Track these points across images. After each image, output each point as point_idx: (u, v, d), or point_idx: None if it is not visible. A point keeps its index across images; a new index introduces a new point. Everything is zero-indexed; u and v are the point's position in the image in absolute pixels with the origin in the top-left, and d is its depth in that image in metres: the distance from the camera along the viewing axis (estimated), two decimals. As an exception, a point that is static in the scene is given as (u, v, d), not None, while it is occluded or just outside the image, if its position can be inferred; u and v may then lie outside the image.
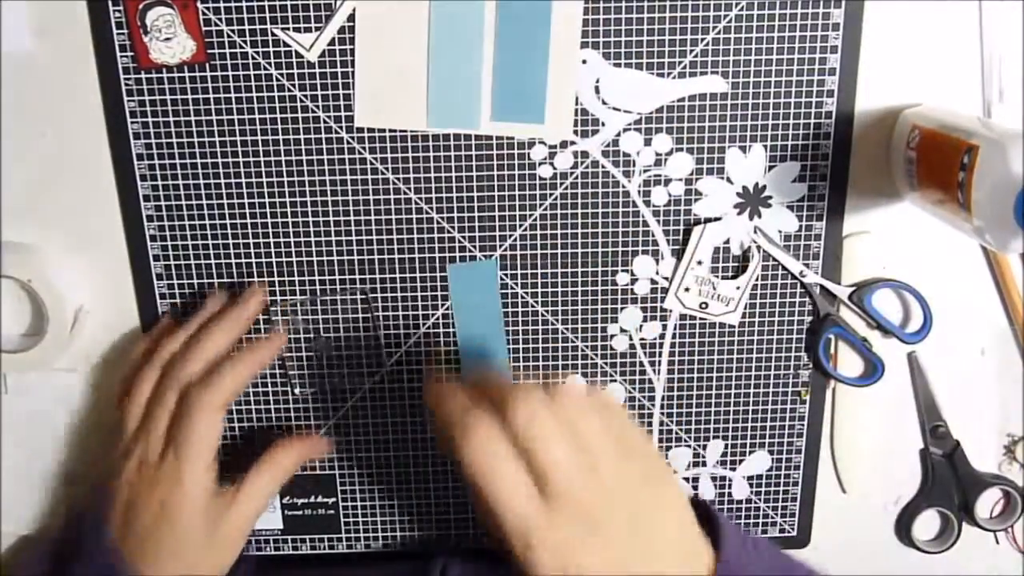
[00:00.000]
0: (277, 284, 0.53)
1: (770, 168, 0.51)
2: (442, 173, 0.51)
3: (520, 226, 0.52)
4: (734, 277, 0.53)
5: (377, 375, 0.54)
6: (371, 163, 0.50)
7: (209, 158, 0.50)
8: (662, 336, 0.54)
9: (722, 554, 0.41)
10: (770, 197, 0.51)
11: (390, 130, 0.50)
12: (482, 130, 0.50)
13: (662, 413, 0.55)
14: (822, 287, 0.53)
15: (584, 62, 0.49)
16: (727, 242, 0.52)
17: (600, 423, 0.40)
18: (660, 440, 0.56)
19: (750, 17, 0.48)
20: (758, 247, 0.52)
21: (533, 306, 0.53)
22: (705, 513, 0.44)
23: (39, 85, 0.49)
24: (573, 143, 0.50)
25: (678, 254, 0.52)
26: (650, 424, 0.55)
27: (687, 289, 0.53)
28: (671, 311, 0.53)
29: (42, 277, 0.50)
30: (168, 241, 0.52)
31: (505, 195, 0.51)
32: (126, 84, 0.49)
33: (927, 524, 0.59)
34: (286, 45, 0.48)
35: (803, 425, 0.56)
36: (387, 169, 0.50)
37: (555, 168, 0.51)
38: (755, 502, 0.57)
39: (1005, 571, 0.59)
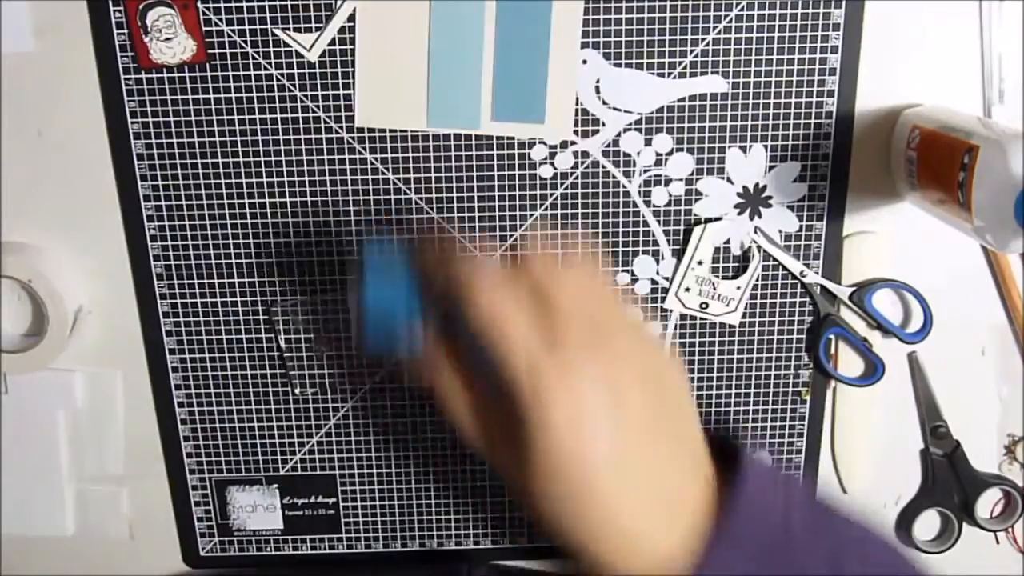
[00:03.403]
0: (277, 284, 0.53)
1: (770, 168, 0.51)
2: (442, 173, 0.51)
3: (520, 226, 0.52)
4: (734, 277, 0.53)
5: (377, 375, 0.54)
6: (371, 163, 0.50)
7: (209, 158, 0.50)
8: (662, 336, 0.54)
9: (740, 479, 0.38)
10: (770, 197, 0.51)
11: (390, 130, 0.50)
12: (482, 130, 0.50)
13: (662, 413, 0.55)
14: (822, 287, 0.53)
15: (584, 62, 0.49)
16: (727, 242, 0.52)
17: (611, 299, 0.38)
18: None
19: (750, 17, 0.48)
20: (758, 247, 0.52)
21: (533, 306, 0.53)
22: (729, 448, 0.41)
23: (39, 85, 0.49)
24: (573, 143, 0.50)
25: (678, 254, 0.52)
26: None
27: (687, 289, 0.53)
28: (671, 311, 0.53)
29: (42, 277, 0.50)
30: (168, 241, 0.52)
31: (505, 195, 0.51)
32: (126, 84, 0.49)
33: (927, 524, 0.59)
34: (286, 45, 0.48)
35: (803, 425, 0.56)
36: (387, 169, 0.50)
37: (555, 168, 0.51)
38: (755, 502, 0.57)
39: (1005, 571, 0.59)
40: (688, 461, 0.38)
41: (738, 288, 0.53)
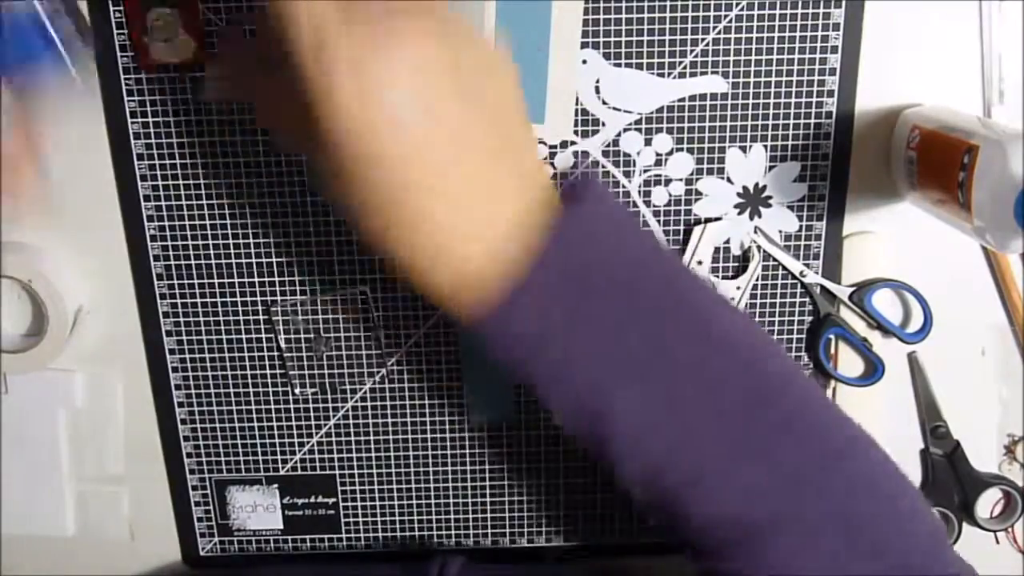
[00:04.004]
0: (277, 284, 0.53)
1: (770, 168, 0.51)
2: (442, 173, 0.50)
3: (520, 226, 0.52)
4: (734, 277, 0.53)
5: (377, 375, 0.54)
6: (371, 163, 0.50)
7: (209, 158, 0.50)
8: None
9: (578, 205, 0.34)
10: (770, 197, 0.51)
11: (390, 130, 0.50)
12: (482, 130, 0.50)
13: (662, 413, 0.55)
14: (822, 287, 0.53)
15: (584, 62, 0.49)
16: (727, 242, 0.52)
17: None
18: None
19: (750, 17, 0.48)
20: (758, 247, 0.52)
21: (533, 306, 0.53)
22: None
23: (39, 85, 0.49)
24: (573, 143, 0.50)
25: (678, 254, 0.52)
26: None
27: (687, 289, 0.53)
28: (671, 311, 0.53)
29: (42, 277, 0.50)
30: (168, 241, 0.52)
31: (505, 195, 0.51)
32: (126, 84, 0.49)
33: (927, 524, 0.58)
34: (286, 45, 0.48)
35: (803, 425, 0.56)
36: (387, 169, 0.50)
37: (555, 168, 0.51)
38: (755, 502, 0.57)
39: (1005, 571, 0.59)
40: (509, 173, 0.34)
41: (738, 288, 0.53)
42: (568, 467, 0.56)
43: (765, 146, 0.50)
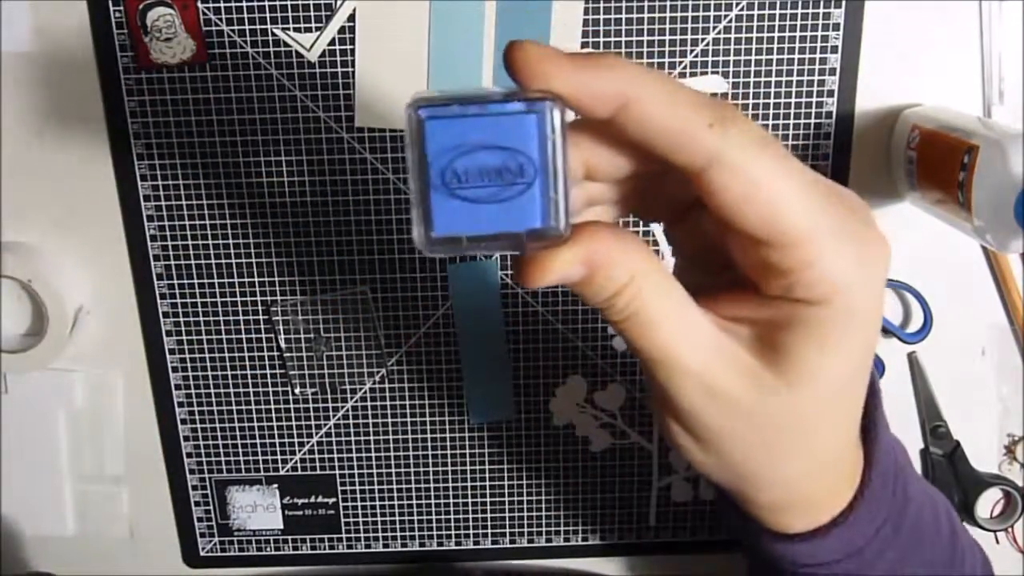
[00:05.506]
0: (277, 284, 0.53)
1: (770, 168, 0.51)
2: (442, 173, 0.50)
3: (520, 226, 0.52)
4: (734, 277, 0.53)
5: (377, 375, 0.54)
6: (371, 163, 0.50)
7: (209, 158, 0.50)
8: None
9: (871, 470, 0.34)
10: (770, 197, 0.51)
11: (390, 130, 0.50)
12: (482, 130, 0.50)
13: (662, 413, 0.55)
14: (822, 287, 0.53)
15: (584, 62, 0.49)
16: (727, 242, 0.52)
17: None
18: (661, 441, 0.56)
19: (750, 17, 0.48)
20: (758, 247, 0.52)
21: (533, 306, 0.53)
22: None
23: (39, 85, 0.49)
24: (573, 143, 0.50)
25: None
26: (651, 425, 0.55)
27: (687, 289, 0.53)
28: (671, 311, 0.53)
29: (42, 277, 0.50)
30: (168, 241, 0.52)
31: (505, 195, 0.51)
32: (126, 84, 0.49)
33: (927, 524, 0.58)
34: (286, 45, 0.48)
35: (803, 425, 0.56)
36: (387, 169, 0.50)
37: (555, 168, 0.51)
38: (755, 502, 0.57)
39: (1005, 571, 0.59)
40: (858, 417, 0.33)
41: (738, 288, 0.53)
42: (568, 467, 0.56)
43: (765, 146, 0.50)
